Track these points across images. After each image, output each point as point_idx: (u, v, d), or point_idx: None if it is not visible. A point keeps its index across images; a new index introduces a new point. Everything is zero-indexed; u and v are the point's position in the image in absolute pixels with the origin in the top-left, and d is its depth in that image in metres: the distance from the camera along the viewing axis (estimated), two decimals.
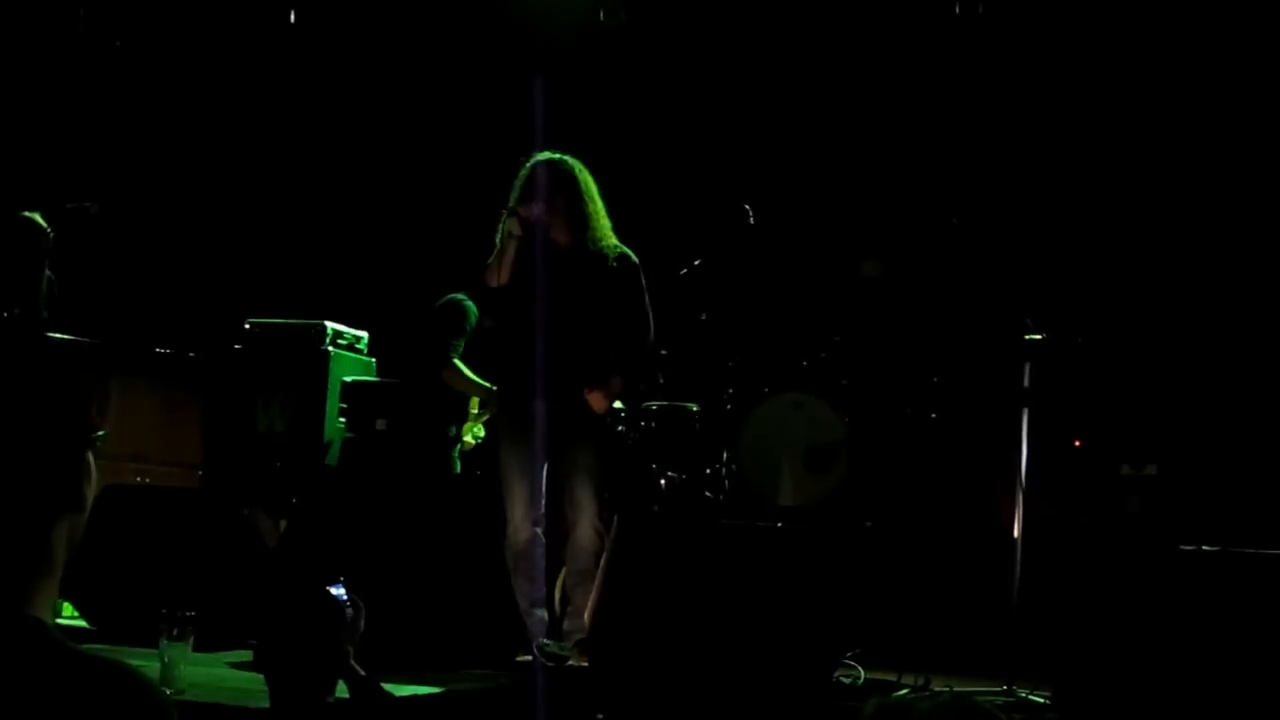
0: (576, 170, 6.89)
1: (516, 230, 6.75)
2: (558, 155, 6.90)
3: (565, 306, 6.80)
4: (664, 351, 8.27)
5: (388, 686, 5.44)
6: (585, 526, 6.75)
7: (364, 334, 9.18)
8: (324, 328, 8.81)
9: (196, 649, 5.53)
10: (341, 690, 5.27)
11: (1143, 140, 9.32)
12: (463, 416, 8.07)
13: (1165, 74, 9.22)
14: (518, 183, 6.85)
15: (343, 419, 8.48)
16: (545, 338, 6.77)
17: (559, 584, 7.14)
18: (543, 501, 6.82)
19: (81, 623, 7.20)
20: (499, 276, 6.79)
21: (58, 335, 7.58)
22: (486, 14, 9.98)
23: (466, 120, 10.03)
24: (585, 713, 5.87)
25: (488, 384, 7.74)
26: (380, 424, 8.10)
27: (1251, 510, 7.72)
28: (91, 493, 2.11)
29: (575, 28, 9.62)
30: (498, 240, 6.86)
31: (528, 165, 6.86)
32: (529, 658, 6.68)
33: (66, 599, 7.30)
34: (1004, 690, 6.48)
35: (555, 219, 6.83)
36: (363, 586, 6.60)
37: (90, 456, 2.10)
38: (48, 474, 2.02)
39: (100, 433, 2.14)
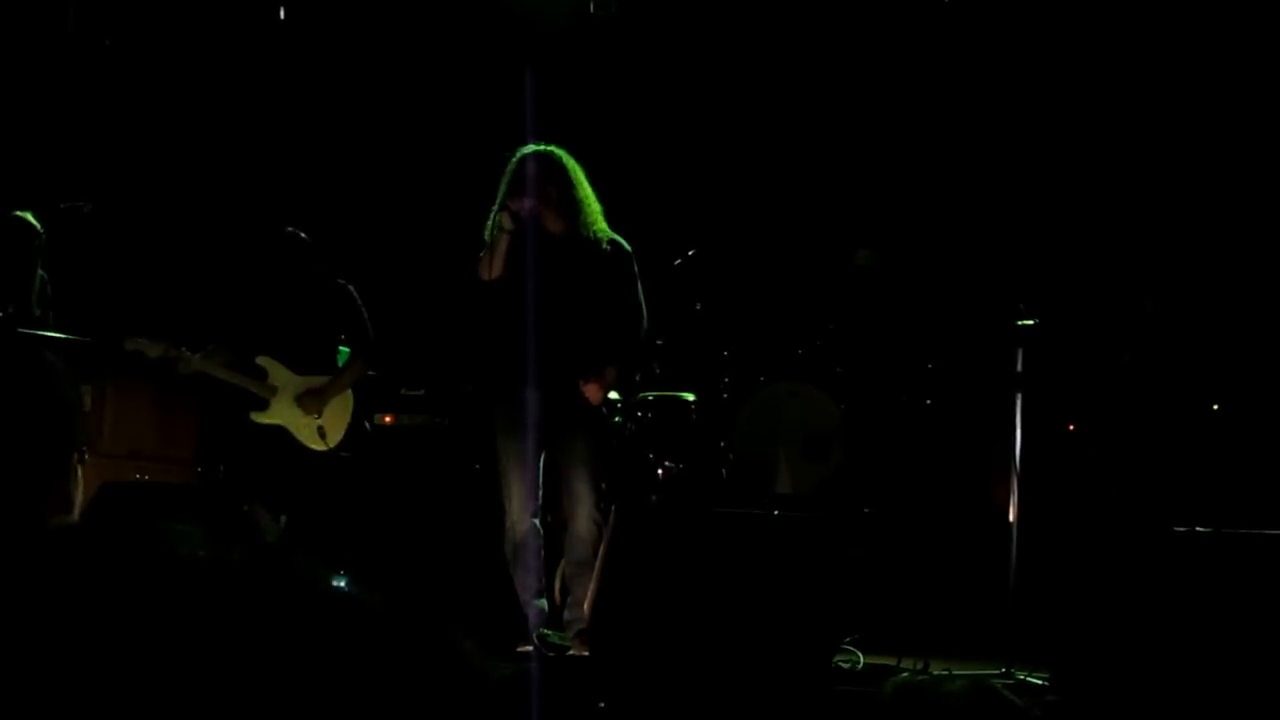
0: (564, 159, 6.91)
1: (508, 224, 6.77)
2: (545, 146, 6.93)
3: (560, 296, 6.82)
4: (660, 342, 8.30)
5: None
6: (583, 517, 6.78)
7: None
8: None
9: None
10: None
11: (1131, 126, 9.35)
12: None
13: (1152, 59, 9.25)
14: (506, 176, 6.87)
15: None
16: (540, 329, 6.79)
17: (559, 574, 7.16)
18: (540, 493, 6.85)
19: None
20: (491, 270, 6.81)
21: (52, 334, 7.59)
22: (477, 6, 9.98)
23: (458, 114, 10.04)
24: (586, 702, 5.90)
25: (237, 378, 7.62)
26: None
27: (1243, 491, 7.76)
28: (78, 494, 2.11)
29: (565, 19, 9.63)
30: (487, 235, 6.88)
31: (515, 158, 6.89)
32: (530, 648, 6.70)
33: None
34: (1002, 672, 6.51)
35: (547, 208, 6.85)
36: (364, 580, 6.64)
37: (75, 459, 2.11)
38: (34, 477, 2.02)
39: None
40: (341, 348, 7.90)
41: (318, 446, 7.59)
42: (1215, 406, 8.28)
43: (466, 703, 0.91)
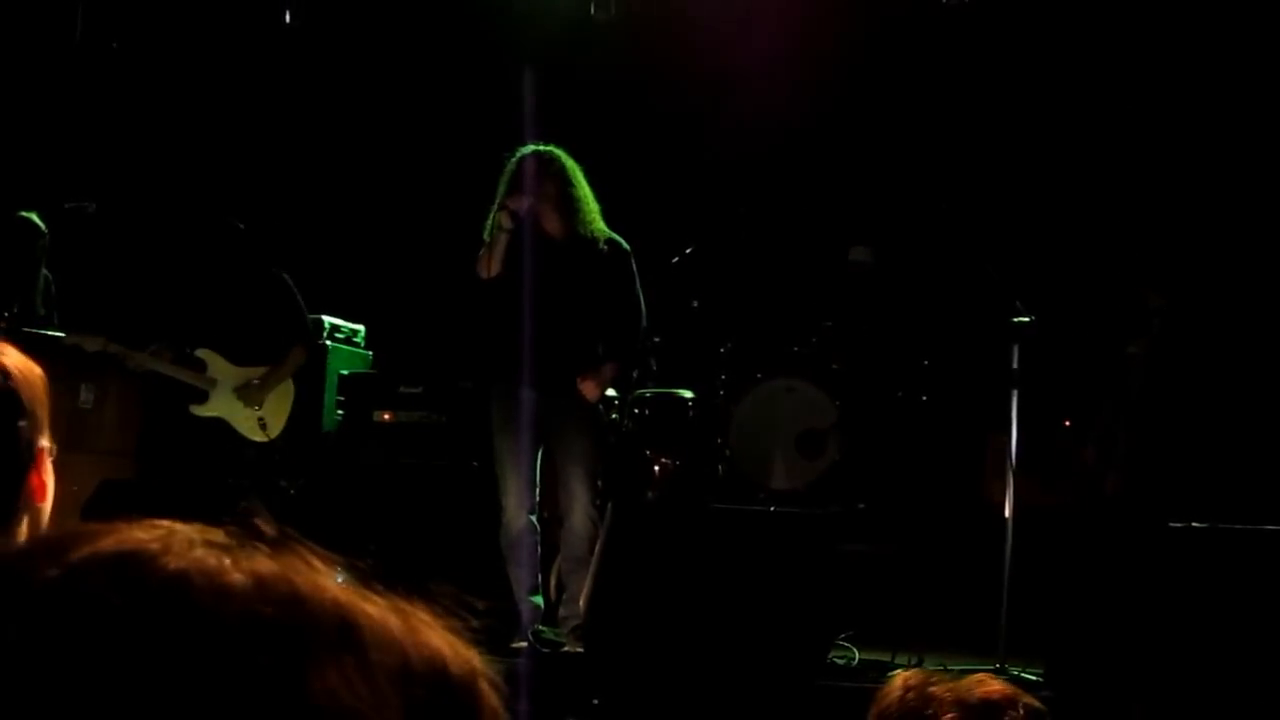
0: (563, 159, 6.96)
1: (507, 223, 6.81)
2: (543, 146, 6.97)
3: (557, 294, 6.86)
4: (657, 339, 8.33)
5: None
6: (579, 514, 6.82)
7: (360, 327, 9.26)
8: (321, 322, 8.88)
9: None
10: None
11: (1128, 120, 9.37)
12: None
13: (1145, 57, 9.27)
14: (505, 176, 6.91)
15: (340, 411, 8.56)
16: (538, 327, 6.83)
17: (555, 571, 7.20)
18: (537, 490, 6.89)
19: None
20: (490, 268, 6.85)
21: (57, 333, 7.63)
22: (476, 8, 10.02)
23: (458, 113, 10.08)
24: (581, 698, 5.94)
25: (178, 372, 7.60)
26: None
27: (1238, 487, 7.78)
28: (48, 505, 2.12)
29: (565, 22, 9.66)
30: (485, 234, 6.92)
31: (514, 158, 6.93)
32: (525, 644, 6.74)
33: None
34: (996, 668, 6.53)
35: (545, 208, 6.90)
36: (360, 576, 6.59)
37: (45, 466, 2.11)
38: None
39: (46, 445, 2.14)
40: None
41: (258, 438, 7.57)
42: (1211, 402, 8.30)
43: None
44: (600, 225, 7.01)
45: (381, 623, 0.84)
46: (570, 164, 6.98)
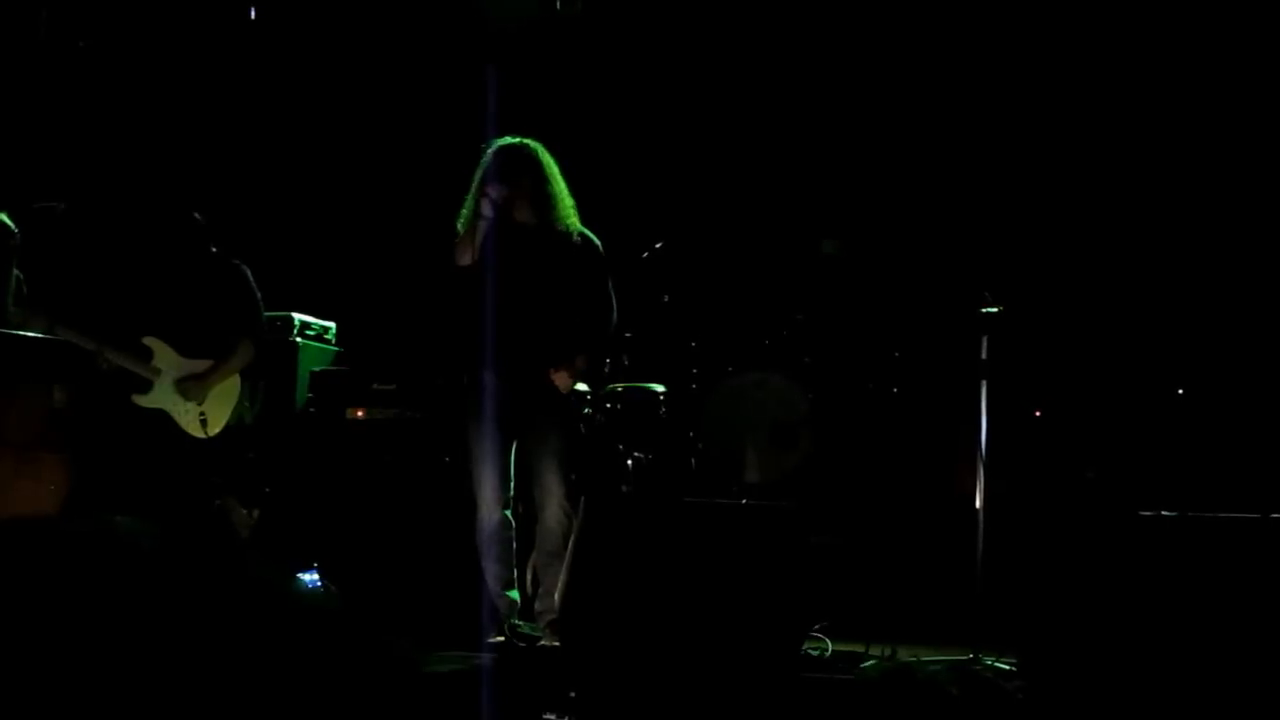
0: (539, 152, 6.97)
1: (486, 211, 6.81)
2: (519, 139, 6.98)
3: (530, 286, 6.88)
4: (628, 334, 8.35)
5: None
6: (553, 508, 6.83)
7: (331, 324, 9.25)
8: (291, 319, 8.87)
9: None
10: None
11: (1094, 112, 9.40)
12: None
13: (1114, 48, 9.31)
14: (481, 167, 6.92)
15: (312, 409, 8.55)
16: (510, 319, 6.85)
17: (530, 565, 7.21)
18: (511, 484, 6.90)
19: None
20: (469, 255, 6.85)
21: (29, 333, 7.59)
22: (442, 2, 10.02)
23: (426, 109, 10.07)
24: (558, 691, 5.94)
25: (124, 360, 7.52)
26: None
27: (1209, 475, 7.82)
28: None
29: (531, 15, 9.66)
30: (459, 226, 6.92)
31: (490, 150, 6.93)
32: (501, 638, 6.76)
33: None
34: (970, 659, 6.57)
35: (520, 200, 6.91)
36: (336, 572, 6.65)
37: None
38: None
39: None
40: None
41: (198, 434, 7.44)
42: (1180, 391, 8.35)
43: (405, 698, 0.96)
44: (574, 220, 7.03)
45: None
46: (546, 158, 6.99)
